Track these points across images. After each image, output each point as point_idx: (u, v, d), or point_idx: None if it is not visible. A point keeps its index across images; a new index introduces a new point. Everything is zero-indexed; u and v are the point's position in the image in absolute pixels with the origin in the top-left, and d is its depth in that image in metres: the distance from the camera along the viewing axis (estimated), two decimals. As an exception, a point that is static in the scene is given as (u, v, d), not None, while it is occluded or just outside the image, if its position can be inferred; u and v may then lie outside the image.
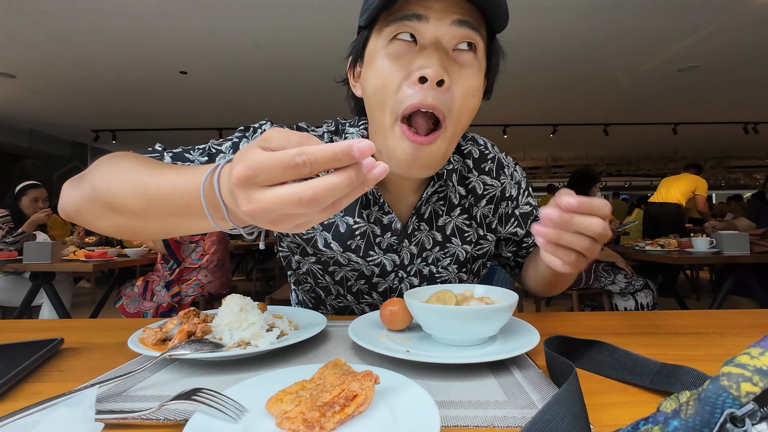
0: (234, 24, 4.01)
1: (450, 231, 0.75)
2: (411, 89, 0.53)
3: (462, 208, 0.75)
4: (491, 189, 0.77)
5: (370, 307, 0.79)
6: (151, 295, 2.75)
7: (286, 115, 7.26)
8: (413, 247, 0.74)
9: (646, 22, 4.04)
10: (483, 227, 0.77)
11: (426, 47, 0.53)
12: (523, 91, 6.09)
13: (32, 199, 3.14)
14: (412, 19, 0.53)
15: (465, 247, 0.76)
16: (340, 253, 0.73)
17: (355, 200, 0.68)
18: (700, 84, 5.78)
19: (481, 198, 0.77)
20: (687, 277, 5.84)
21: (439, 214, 0.74)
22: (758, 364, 0.23)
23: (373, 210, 0.70)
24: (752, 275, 2.54)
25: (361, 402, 0.36)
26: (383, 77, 0.55)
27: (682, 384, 0.42)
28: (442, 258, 0.75)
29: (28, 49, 4.53)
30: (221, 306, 0.61)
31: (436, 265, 0.76)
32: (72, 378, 0.51)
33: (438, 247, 0.75)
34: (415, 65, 0.53)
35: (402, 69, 0.54)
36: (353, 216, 0.70)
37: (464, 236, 0.76)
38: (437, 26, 0.53)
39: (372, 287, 0.76)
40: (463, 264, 0.77)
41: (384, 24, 0.56)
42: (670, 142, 9.20)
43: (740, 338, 0.63)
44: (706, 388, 0.24)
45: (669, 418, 0.25)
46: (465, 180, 0.76)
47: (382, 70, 0.55)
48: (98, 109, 6.85)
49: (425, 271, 0.76)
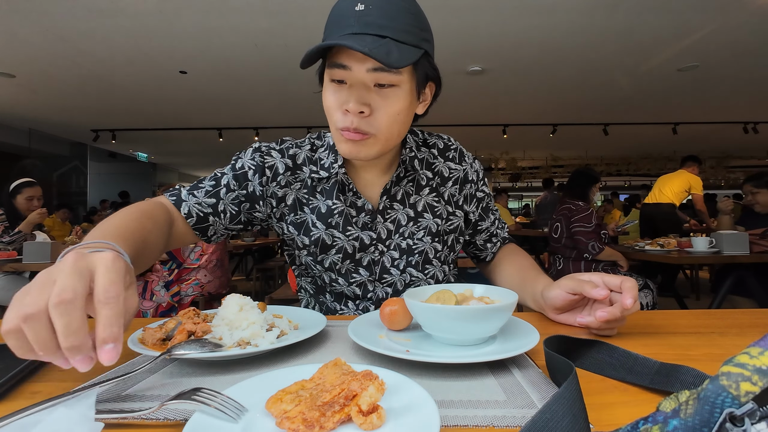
0: (233, 24, 4.01)
1: (421, 207, 0.89)
2: (343, 116, 0.72)
3: (430, 188, 0.90)
4: (456, 172, 0.93)
5: (360, 287, 0.89)
6: (150, 295, 2.75)
7: (286, 115, 7.27)
8: (389, 224, 0.88)
9: (646, 22, 4.04)
10: (451, 204, 0.92)
11: (351, 86, 0.71)
12: (523, 91, 6.09)
13: (27, 198, 3.10)
14: (340, 67, 0.70)
15: (436, 221, 0.90)
16: (324, 230, 0.86)
17: (333, 185, 0.85)
18: (700, 84, 5.79)
19: (448, 180, 0.92)
20: (687, 276, 5.84)
21: (410, 194, 0.89)
22: (757, 363, 0.23)
23: (348, 195, 0.86)
24: (752, 275, 2.54)
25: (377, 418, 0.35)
26: (327, 103, 0.75)
27: (682, 383, 0.42)
28: (416, 231, 0.89)
29: (28, 49, 4.53)
30: (221, 306, 0.61)
31: (412, 238, 0.89)
32: (72, 378, 0.51)
33: (412, 222, 0.89)
34: (345, 100, 0.71)
35: (337, 100, 0.73)
36: (332, 198, 0.85)
37: (434, 211, 0.90)
38: (357, 72, 0.70)
39: (357, 263, 0.88)
40: (436, 235, 0.90)
41: (328, 64, 0.73)
42: (669, 141, 9.21)
43: (740, 338, 0.63)
44: (705, 388, 0.24)
45: (668, 417, 0.25)
46: (431, 165, 0.92)
47: (327, 99, 0.75)
48: (98, 108, 6.85)
49: (403, 245, 0.88)
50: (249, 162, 0.86)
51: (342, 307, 0.92)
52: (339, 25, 0.69)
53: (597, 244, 2.88)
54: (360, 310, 0.90)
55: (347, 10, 0.69)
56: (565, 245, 3.08)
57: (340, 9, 0.70)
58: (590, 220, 2.92)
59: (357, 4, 0.68)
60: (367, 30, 0.67)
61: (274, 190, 0.86)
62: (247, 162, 0.86)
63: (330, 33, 0.71)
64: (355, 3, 0.68)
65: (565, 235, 3.05)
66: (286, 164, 0.86)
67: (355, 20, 0.67)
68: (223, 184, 0.85)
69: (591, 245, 2.88)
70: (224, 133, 7.92)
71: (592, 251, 2.88)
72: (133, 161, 11.47)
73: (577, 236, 2.94)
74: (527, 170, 13.20)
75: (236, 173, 0.86)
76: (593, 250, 2.88)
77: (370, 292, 0.89)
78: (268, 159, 0.86)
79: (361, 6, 0.67)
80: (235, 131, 7.91)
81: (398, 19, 0.68)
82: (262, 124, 7.73)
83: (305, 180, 0.87)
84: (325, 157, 0.87)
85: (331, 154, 0.86)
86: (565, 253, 3.09)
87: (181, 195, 0.85)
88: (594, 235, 2.90)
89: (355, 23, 0.67)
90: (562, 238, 3.08)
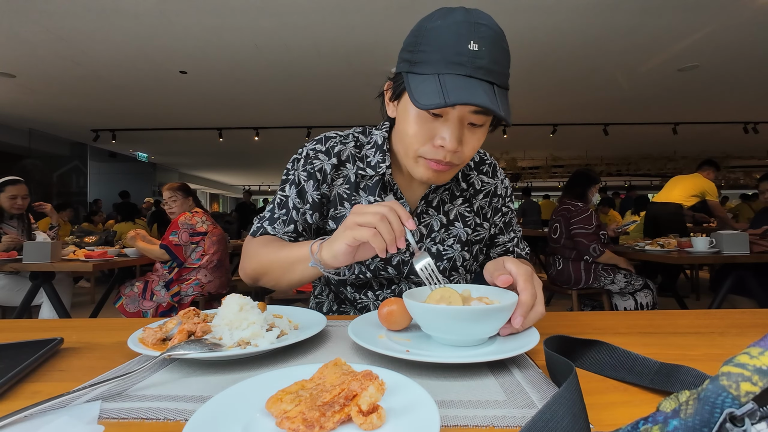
0: (234, 24, 4.01)
1: (453, 216, 0.93)
2: (434, 149, 0.72)
3: (463, 198, 0.94)
4: (488, 185, 0.97)
5: (387, 281, 0.92)
6: (150, 294, 2.75)
7: (286, 116, 7.26)
8: (422, 228, 0.91)
9: (646, 22, 4.04)
10: (480, 216, 0.96)
11: (448, 122, 0.70)
12: (523, 91, 6.09)
13: (10, 197, 3.03)
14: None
15: (466, 230, 0.94)
16: None
17: (376, 183, 0.88)
18: (700, 84, 5.79)
19: (480, 192, 0.96)
20: (687, 276, 5.83)
21: (445, 202, 0.92)
22: (758, 363, 0.23)
23: (389, 195, 0.89)
24: (752, 275, 2.54)
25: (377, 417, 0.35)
26: (413, 131, 0.73)
27: (682, 383, 0.42)
28: (447, 238, 0.92)
29: (28, 49, 4.53)
30: (221, 306, 0.61)
31: (442, 244, 0.91)
32: (72, 378, 0.51)
33: (444, 229, 0.92)
34: (438, 134, 0.71)
35: (427, 132, 0.72)
36: (374, 195, 0.88)
37: (465, 220, 0.94)
38: (460, 111, 0.69)
39: (386, 262, 0.90)
40: (465, 244, 0.93)
41: None
42: (670, 141, 9.21)
43: (740, 338, 0.63)
44: (705, 388, 0.24)
45: (669, 417, 0.25)
46: (467, 177, 0.95)
47: (412, 126, 0.73)
48: (98, 108, 6.85)
49: (433, 249, 0.91)
50: (302, 174, 0.89)
51: (361, 297, 0.93)
52: (450, 59, 0.66)
53: (598, 247, 2.87)
54: (379, 301, 0.92)
55: (461, 46, 0.65)
56: (564, 246, 3.08)
57: (452, 40, 0.66)
58: (590, 222, 2.92)
59: (470, 42, 0.65)
60: (477, 74, 0.65)
61: (324, 191, 0.89)
62: (300, 174, 0.89)
63: (435, 61, 0.67)
64: (469, 39, 0.65)
65: (564, 235, 3.05)
66: (332, 164, 0.88)
67: (469, 61, 0.65)
68: (291, 207, 0.89)
69: (592, 248, 2.88)
70: (224, 133, 7.92)
71: (593, 254, 2.88)
72: (133, 161, 11.47)
73: (577, 238, 2.94)
74: (527, 170, 13.19)
75: (298, 189, 0.89)
76: (594, 253, 2.88)
77: (394, 284, 0.92)
78: (316, 163, 0.88)
79: (475, 46, 0.65)
80: (235, 131, 7.91)
81: (502, 63, 0.68)
82: (262, 124, 7.72)
83: (348, 176, 0.89)
84: (371, 155, 0.88)
85: (378, 153, 0.87)
86: (564, 254, 3.09)
87: (269, 230, 0.90)
88: (595, 237, 2.90)
89: (469, 64, 0.65)
90: (561, 239, 3.08)
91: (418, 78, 0.68)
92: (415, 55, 0.69)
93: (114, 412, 0.40)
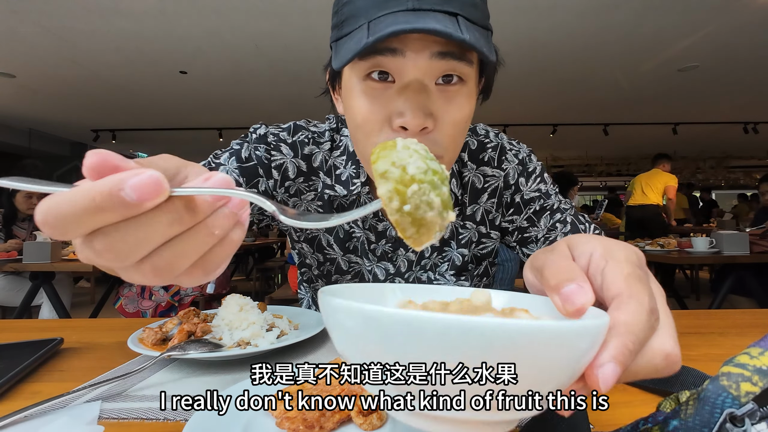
0: (234, 24, 4.01)
1: (448, 234, 0.71)
2: (393, 134, 0.49)
3: (457, 211, 0.72)
4: (493, 180, 0.71)
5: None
6: (149, 294, 2.75)
7: (286, 116, 7.26)
8: (411, 254, 0.71)
9: (646, 22, 4.03)
10: (485, 225, 0.72)
11: (405, 88, 0.48)
12: (523, 91, 6.08)
13: (26, 195, 3.07)
14: (385, 53, 0.47)
15: (461, 251, 0.71)
16: (341, 255, 0.73)
17: (351, 204, 0.67)
18: (700, 84, 5.78)
19: (482, 193, 0.71)
20: (686, 276, 5.83)
21: None
22: (758, 363, 0.23)
23: (368, 217, 0.67)
24: (752, 275, 2.54)
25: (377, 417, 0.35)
26: (362, 116, 0.51)
27: (682, 384, 0.42)
28: (440, 263, 0.72)
29: (28, 49, 4.53)
30: (221, 306, 0.61)
31: (434, 272, 0.72)
32: (72, 378, 0.51)
33: (436, 253, 0.72)
34: (394, 109, 0.49)
35: (380, 110, 0.50)
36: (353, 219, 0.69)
37: (460, 240, 0.71)
38: (415, 61, 0.47)
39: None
40: (462, 269, 0.73)
41: (360, 55, 0.48)
42: (670, 142, 9.20)
43: (740, 338, 0.63)
44: (705, 388, 0.24)
45: (669, 417, 0.25)
46: (461, 176, 0.71)
47: (360, 110, 0.51)
48: (98, 108, 6.84)
49: (423, 278, 0.72)
50: (255, 153, 0.66)
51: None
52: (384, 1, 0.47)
53: None
54: None
55: None
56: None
57: None
58: None
59: None
60: (425, 5, 0.46)
61: (283, 197, 0.68)
62: (254, 153, 0.66)
63: (364, 8, 0.48)
64: None
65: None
66: (298, 168, 0.67)
67: None
68: None
69: None
70: (224, 133, 7.92)
71: None
72: (133, 161, 11.48)
73: None
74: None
75: (243, 166, 0.66)
76: None
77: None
78: (276, 156, 0.67)
79: None
80: (235, 131, 7.89)
81: None
82: (262, 124, 7.73)
83: (321, 193, 0.68)
84: (341, 166, 0.67)
85: (351, 164, 0.66)
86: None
87: None
88: None
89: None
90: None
91: (345, 39, 0.49)
92: (340, 16, 0.51)
93: (114, 413, 0.40)
